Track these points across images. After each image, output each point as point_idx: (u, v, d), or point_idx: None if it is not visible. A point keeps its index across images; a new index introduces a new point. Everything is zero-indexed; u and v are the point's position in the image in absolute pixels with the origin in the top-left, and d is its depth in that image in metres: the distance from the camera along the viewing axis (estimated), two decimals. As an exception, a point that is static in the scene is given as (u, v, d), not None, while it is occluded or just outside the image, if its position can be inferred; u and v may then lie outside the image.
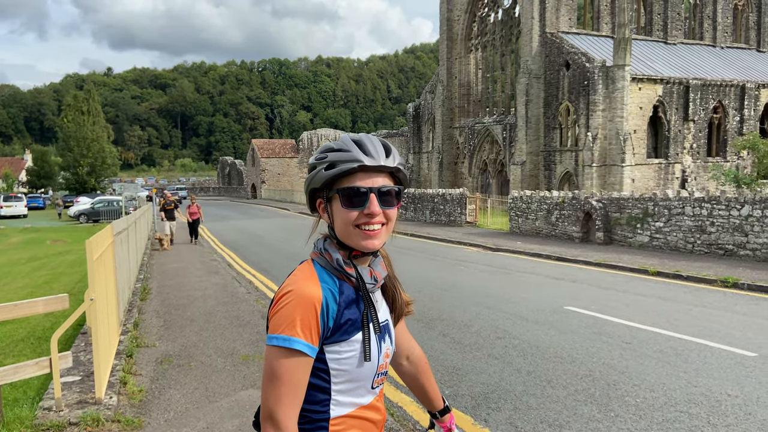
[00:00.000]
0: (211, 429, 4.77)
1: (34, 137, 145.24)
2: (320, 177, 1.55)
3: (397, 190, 1.58)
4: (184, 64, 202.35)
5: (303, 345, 1.45)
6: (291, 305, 1.46)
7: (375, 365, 1.57)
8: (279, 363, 1.45)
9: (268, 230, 26.70)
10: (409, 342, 1.92)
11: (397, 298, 1.73)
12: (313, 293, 1.48)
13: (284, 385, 1.44)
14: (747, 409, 5.03)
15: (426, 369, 1.95)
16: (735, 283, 10.86)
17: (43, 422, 4.71)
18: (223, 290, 11.35)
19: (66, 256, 18.78)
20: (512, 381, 5.89)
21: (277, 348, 1.45)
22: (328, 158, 1.55)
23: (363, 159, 1.52)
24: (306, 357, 1.46)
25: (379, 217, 1.53)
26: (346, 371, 1.53)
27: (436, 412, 1.97)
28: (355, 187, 1.52)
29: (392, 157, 1.57)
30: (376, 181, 1.54)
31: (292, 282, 1.52)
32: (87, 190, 56.34)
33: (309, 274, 1.55)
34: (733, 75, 37.60)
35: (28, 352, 7.08)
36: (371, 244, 1.54)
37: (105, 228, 6.68)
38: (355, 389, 1.56)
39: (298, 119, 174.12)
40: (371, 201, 1.52)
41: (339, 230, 1.56)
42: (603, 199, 17.99)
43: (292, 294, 1.48)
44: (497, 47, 41.81)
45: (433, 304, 9.66)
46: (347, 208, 1.52)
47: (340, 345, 1.52)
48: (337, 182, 1.54)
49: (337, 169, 1.52)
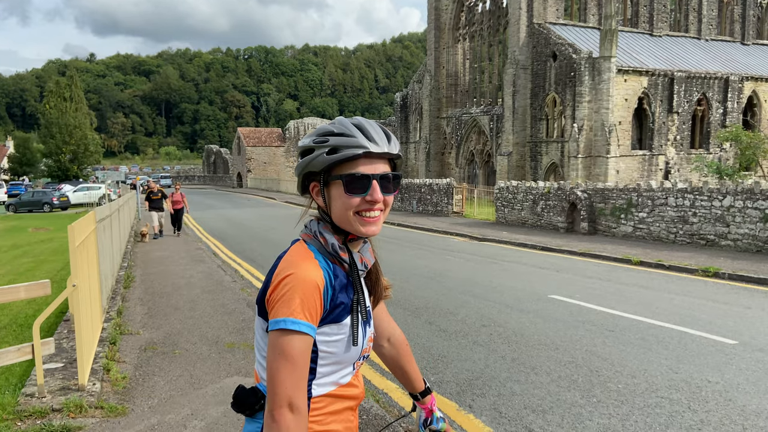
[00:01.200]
0: (196, 415, 4.76)
1: (16, 124, 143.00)
2: (321, 161, 1.52)
3: (396, 176, 1.57)
4: (169, 50, 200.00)
5: (309, 327, 1.44)
6: (294, 288, 1.44)
7: (360, 349, 1.58)
8: (292, 347, 1.42)
9: (253, 219, 26.57)
10: (389, 324, 1.92)
11: (377, 283, 1.73)
12: (315, 274, 1.47)
13: (298, 368, 1.42)
14: (727, 396, 5.11)
15: (407, 351, 1.96)
16: (716, 272, 11.01)
17: (25, 408, 4.66)
18: (208, 278, 11.29)
19: (48, 244, 18.56)
20: (497, 368, 5.93)
21: (288, 332, 1.42)
22: (330, 142, 1.52)
23: (368, 145, 1.51)
24: (310, 338, 1.46)
25: (380, 204, 1.53)
26: (333, 354, 1.53)
27: (417, 394, 1.98)
28: (360, 173, 1.50)
29: (393, 143, 1.56)
30: (377, 167, 1.53)
31: (290, 264, 1.49)
32: (69, 177, 55.67)
33: (306, 255, 1.53)
34: (717, 67, 37.93)
35: (10, 339, 7.00)
36: (370, 230, 1.54)
37: (87, 214, 6.60)
38: (338, 371, 1.57)
39: (285, 108, 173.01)
40: (374, 188, 1.51)
41: (337, 215, 1.55)
42: (588, 190, 18.12)
43: (294, 277, 1.46)
44: (485, 37, 41.78)
45: (420, 292, 9.69)
46: (351, 194, 1.51)
47: (330, 327, 1.51)
48: (338, 167, 1.52)
49: (340, 154, 1.50)
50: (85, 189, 42.81)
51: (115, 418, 4.68)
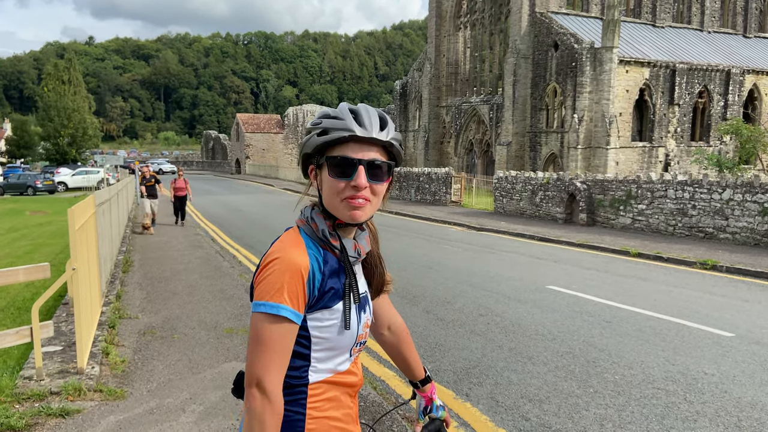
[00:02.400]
0: (195, 399, 4.78)
1: (13, 106, 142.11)
2: (312, 142, 1.54)
3: (387, 164, 1.55)
4: (168, 34, 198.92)
5: (289, 312, 1.45)
6: (278, 272, 1.45)
7: (354, 334, 1.58)
8: (266, 329, 1.44)
9: (252, 206, 26.54)
10: (390, 312, 1.93)
11: (376, 274, 1.73)
12: (300, 261, 1.48)
13: (271, 351, 1.44)
14: (723, 387, 5.14)
15: (407, 339, 1.96)
16: (714, 265, 11.04)
17: (23, 391, 4.67)
18: (206, 264, 11.29)
19: (47, 227, 18.53)
20: (494, 357, 5.95)
21: (265, 315, 1.45)
22: (323, 124, 1.53)
23: (355, 129, 1.49)
24: (292, 324, 1.46)
25: (366, 191, 1.51)
26: (327, 339, 1.54)
27: (418, 382, 1.99)
28: (344, 156, 1.50)
29: (387, 131, 1.54)
30: (367, 153, 1.51)
31: (278, 249, 1.50)
32: (68, 161, 55.44)
33: (296, 241, 1.53)
34: (719, 60, 37.80)
35: (8, 322, 7.01)
36: (356, 214, 1.52)
37: (87, 198, 6.58)
38: (334, 357, 1.57)
39: (284, 94, 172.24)
40: (359, 173, 1.49)
41: (326, 199, 1.55)
42: (587, 181, 18.11)
43: (280, 261, 1.47)
44: (486, 26, 41.52)
45: (417, 281, 9.70)
46: (335, 178, 1.51)
47: (322, 313, 1.52)
48: (329, 150, 1.53)
49: (328, 136, 1.51)
50: (84, 173, 42.70)
51: (114, 402, 4.70)
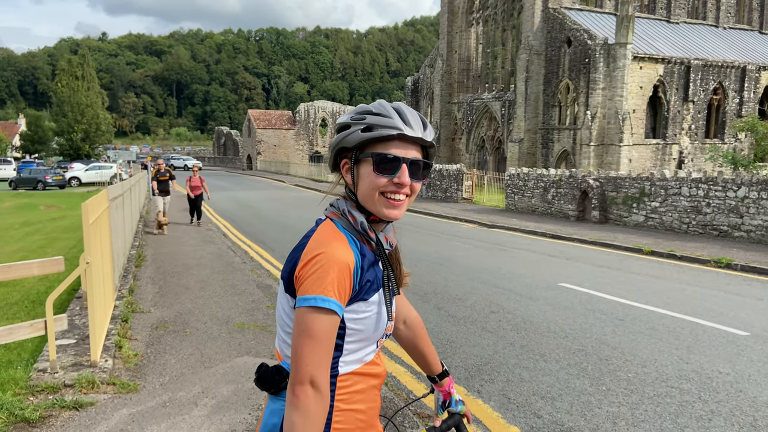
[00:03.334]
0: (207, 393, 4.79)
1: (28, 101, 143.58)
2: (355, 137, 1.54)
3: (426, 164, 1.60)
4: (180, 30, 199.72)
5: (338, 306, 1.45)
6: (326, 266, 1.45)
7: (385, 326, 1.60)
8: (318, 324, 1.43)
9: (263, 202, 26.62)
10: (406, 306, 1.93)
11: (398, 270, 1.74)
12: (346, 255, 1.48)
13: (322, 346, 1.44)
14: (738, 387, 5.08)
15: (423, 333, 1.97)
16: (728, 263, 10.92)
17: (37, 384, 4.71)
18: (218, 259, 11.33)
19: (60, 222, 18.70)
20: (505, 354, 5.93)
21: (316, 309, 1.43)
22: (367, 120, 1.54)
23: (403, 128, 1.53)
24: (338, 317, 1.47)
25: (406, 188, 1.55)
26: (360, 330, 1.55)
27: (435, 376, 1.99)
28: (390, 154, 1.52)
29: (429, 131, 1.59)
30: (409, 152, 1.55)
31: (321, 243, 1.50)
32: (81, 156, 55.90)
33: (336, 234, 1.53)
34: (734, 56, 37.35)
35: (23, 315, 7.08)
36: (393, 213, 1.56)
37: (100, 193, 6.62)
38: (363, 348, 1.58)
39: (295, 91, 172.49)
40: (403, 170, 1.53)
41: (363, 194, 1.56)
42: (600, 178, 17.98)
43: (326, 255, 1.46)
44: (498, 22, 41.30)
45: (429, 278, 9.68)
46: (379, 174, 1.53)
47: (358, 305, 1.53)
48: (371, 146, 1.54)
49: (375, 132, 1.52)
50: (97, 168, 43.04)
51: (127, 395, 4.73)
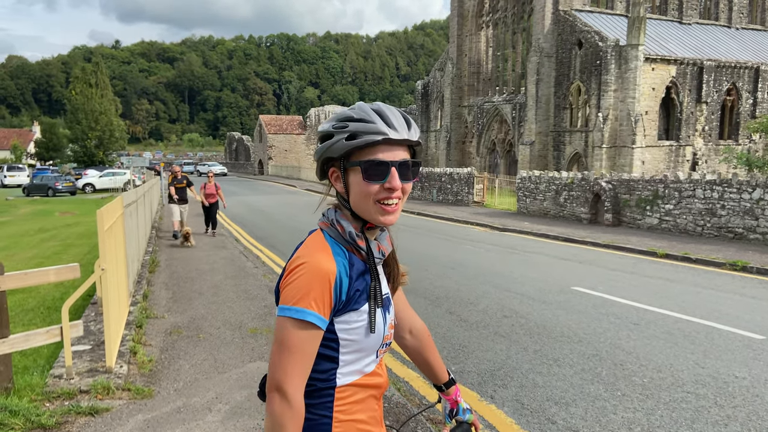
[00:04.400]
0: (221, 399, 4.82)
1: (42, 109, 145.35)
2: (340, 146, 1.51)
3: (413, 163, 1.55)
4: (192, 37, 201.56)
5: (315, 317, 1.44)
6: (305, 277, 1.45)
7: (381, 336, 1.57)
8: (291, 334, 1.44)
9: (275, 206, 26.73)
10: (410, 315, 1.91)
11: (394, 270, 1.72)
12: (328, 266, 1.47)
13: (294, 356, 1.44)
14: (754, 391, 5.02)
15: (429, 342, 1.94)
16: (744, 266, 10.80)
17: (53, 390, 4.76)
18: (230, 264, 11.39)
19: (75, 228, 18.89)
20: (518, 359, 5.90)
21: (290, 319, 1.44)
22: (350, 128, 1.50)
23: (388, 132, 1.48)
24: (317, 329, 1.46)
25: (398, 191, 1.51)
26: (355, 341, 1.53)
27: (442, 385, 1.96)
28: (378, 160, 1.49)
29: (413, 129, 1.54)
30: (397, 154, 1.51)
31: (305, 254, 1.50)
32: (95, 162, 56.46)
33: (321, 245, 1.52)
34: (747, 57, 36.99)
35: (38, 321, 7.15)
36: (389, 219, 1.52)
37: (115, 199, 6.69)
38: (361, 359, 1.57)
39: (306, 96, 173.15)
40: (392, 175, 1.49)
41: (355, 202, 1.54)
42: (612, 181, 17.86)
43: (306, 266, 1.46)
44: (509, 25, 41.22)
45: (440, 282, 9.66)
46: (369, 181, 1.49)
47: (350, 315, 1.51)
48: (357, 153, 1.51)
49: (360, 140, 1.48)
50: (111, 174, 43.45)
51: (142, 400, 4.76)
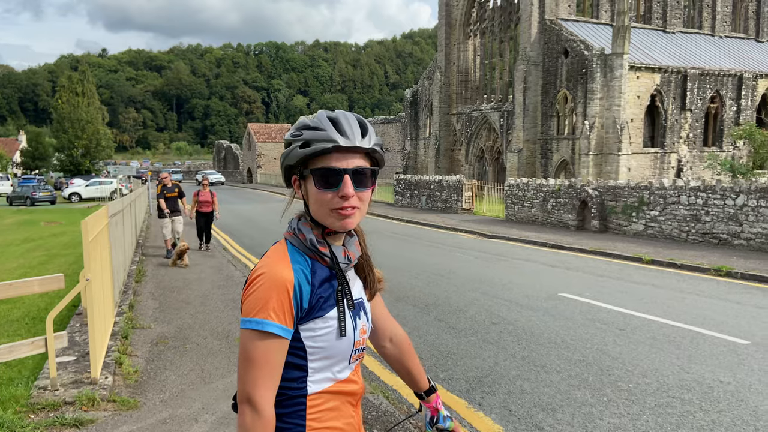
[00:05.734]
0: (207, 409, 4.79)
1: (28, 118, 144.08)
2: (295, 155, 1.53)
3: (372, 170, 1.56)
4: (180, 46, 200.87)
5: (277, 327, 1.44)
6: (263, 288, 1.45)
7: (351, 341, 1.57)
8: (254, 346, 1.44)
9: (263, 214, 26.65)
10: (391, 323, 1.90)
11: (369, 275, 1.72)
12: (285, 275, 1.47)
13: (259, 368, 1.44)
14: (739, 396, 5.08)
15: (410, 350, 1.94)
16: (728, 272, 10.92)
17: (38, 401, 4.71)
18: (218, 273, 11.34)
19: (60, 238, 18.72)
20: (506, 365, 5.92)
21: (251, 331, 1.44)
22: (303, 136, 1.52)
23: (338, 139, 1.49)
24: (280, 339, 1.45)
25: (353, 199, 1.51)
26: (323, 348, 1.52)
27: (422, 393, 1.96)
28: (329, 167, 1.49)
29: (368, 137, 1.54)
30: (351, 161, 1.51)
31: (264, 264, 1.50)
32: (81, 172, 56.06)
33: (281, 255, 1.53)
34: (731, 65, 37.52)
35: (23, 332, 7.07)
36: (346, 223, 1.52)
37: (100, 209, 6.65)
38: (332, 365, 1.56)
39: (295, 104, 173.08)
40: (345, 182, 1.49)
41: (313, 210, 1.56)
42: (599, 188, 18.01)
43: (264, 277, 1.47)
44: (496, 34, 41.56)
45: (429, 289, 9.68)
46: (321, 189, 1.50)
47: (315, 322, 1.51)
48: (312, 161, 1.52)
49: (311, 148, 1.50)
50: (97, 183, 43.17)
51: (127, 412, 4.72)
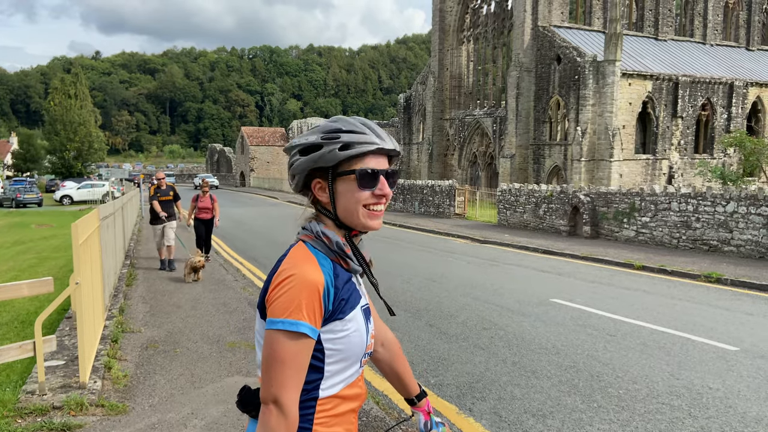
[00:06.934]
0: (196, 414, 4.76)
1: (20, 120, 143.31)
2: (333, 156, 1.56)
3: (395, 172, 1.67)
4: (174, 49, 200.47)
5: (308, 328, 1.46)
6: (295, 289, 1.46)
7: (365, 344, 1.60)
8: (285, 347, 1.45)
9: (256, 218, 26.59)
10: (383, 328, 1.92)
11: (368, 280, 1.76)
12: (316, 277, 1.49)
13: (289, 368, 1.45)
14: (728, 402, 5.10)
15: (400, 354, 1.96)
16: (718, 278, 10.99)
17: (26, 406, 4.67)
18: (209, 277, 11.29)
19: (51, 241, 18.60)
20: (497, 371, 5.92)
21: (283, 332, 1.45)
22: (342, 138, 1.57)
23: (379, 143, 1.59)
24: (310, 340, 1.47)
25: (386, 197, 1.62)
26: (340, 350, 1.55)
27: (413, 398, 1.97)
28: (371, 169, 1.58)
29: (394, 141, 1.66)
30: (383, 163, 1.62)
31: (292, 266, 1.51)
32: (73, 174, 55.73)
33: (307, 257, 1.55)
34: (722, 72, 37.86)
35: (12, 336, 7.01)
36: (377, 223, 1.61)
37: (91, 213, 6.62)
38: (346, 368, 1.58)
39: (288, 108, 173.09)
40: (382, 182, 1.59)
41: (344, 210, 1.59)
42: (591, 194, 18.09)
43: (295, 278, 1.48)
44: (489, 40, 41.76)
45: (421, 294, 9.68)
46: (362, 188, 1.57)
47: (335, 324, 1.53)
48: (347, 163, 1.57)
49: (354, 149, 1.56)
50: (89, 186, 42.93)
51: (116, 416, 4.69)
